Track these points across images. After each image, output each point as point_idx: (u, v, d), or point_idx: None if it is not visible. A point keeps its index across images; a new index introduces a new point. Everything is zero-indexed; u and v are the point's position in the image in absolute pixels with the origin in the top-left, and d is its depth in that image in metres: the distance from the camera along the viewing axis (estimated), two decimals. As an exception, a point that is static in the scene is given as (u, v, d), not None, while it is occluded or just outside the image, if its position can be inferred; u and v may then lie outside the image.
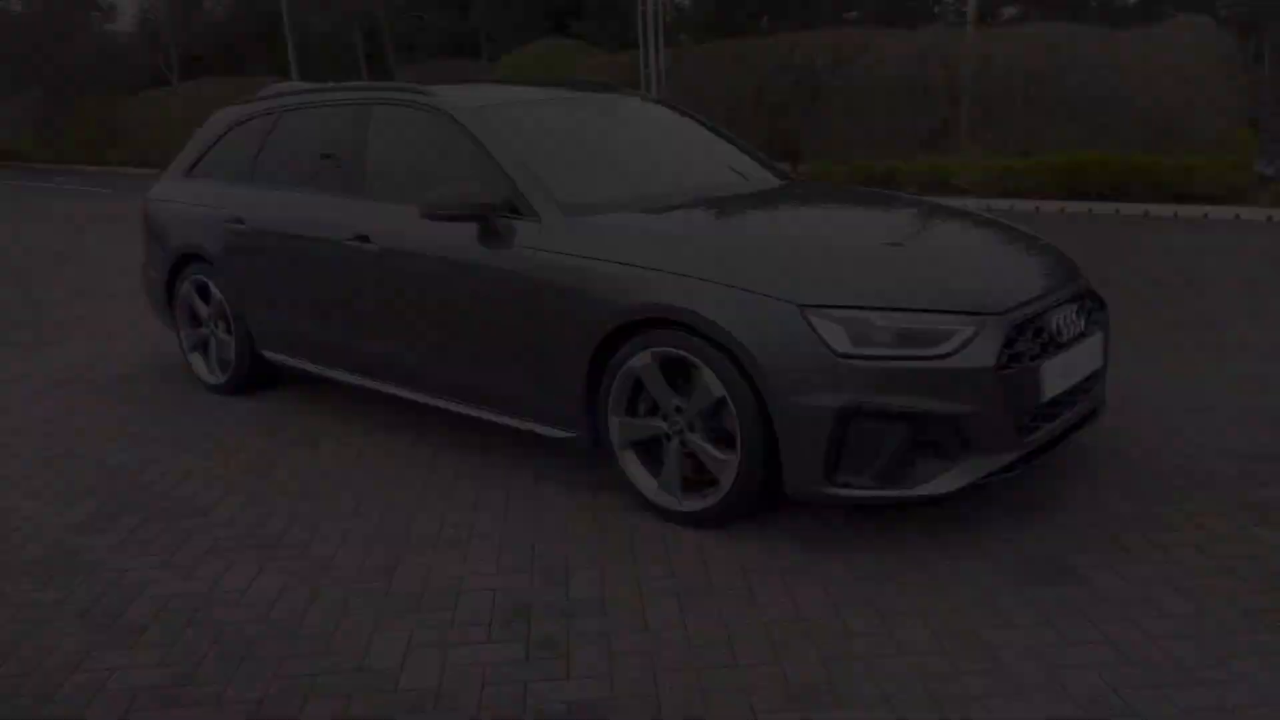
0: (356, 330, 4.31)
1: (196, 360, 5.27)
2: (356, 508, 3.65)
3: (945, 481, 3.04)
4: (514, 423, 3.81)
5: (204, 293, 5.09)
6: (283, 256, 4.57)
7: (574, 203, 3.70)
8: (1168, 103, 11.31)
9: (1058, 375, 3.25)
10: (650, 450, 3.47)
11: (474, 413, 3.95)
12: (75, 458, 4.28)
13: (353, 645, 2.72)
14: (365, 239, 4.13)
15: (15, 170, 27.40)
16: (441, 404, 4.07)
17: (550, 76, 18.99)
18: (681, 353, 3.22)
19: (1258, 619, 2.66)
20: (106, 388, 5.36)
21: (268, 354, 4.86)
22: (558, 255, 3.52)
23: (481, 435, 4.28)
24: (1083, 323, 3.44)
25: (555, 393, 3.62)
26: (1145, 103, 11.33)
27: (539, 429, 3.73)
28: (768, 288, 3.10)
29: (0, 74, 33.93)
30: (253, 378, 5.04)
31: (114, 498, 3.82)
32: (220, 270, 4.90)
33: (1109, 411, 4.24)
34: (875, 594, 2.88)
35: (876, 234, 3.75)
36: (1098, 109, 11.77)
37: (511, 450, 4.11)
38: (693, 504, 3.33)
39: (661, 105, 5.00)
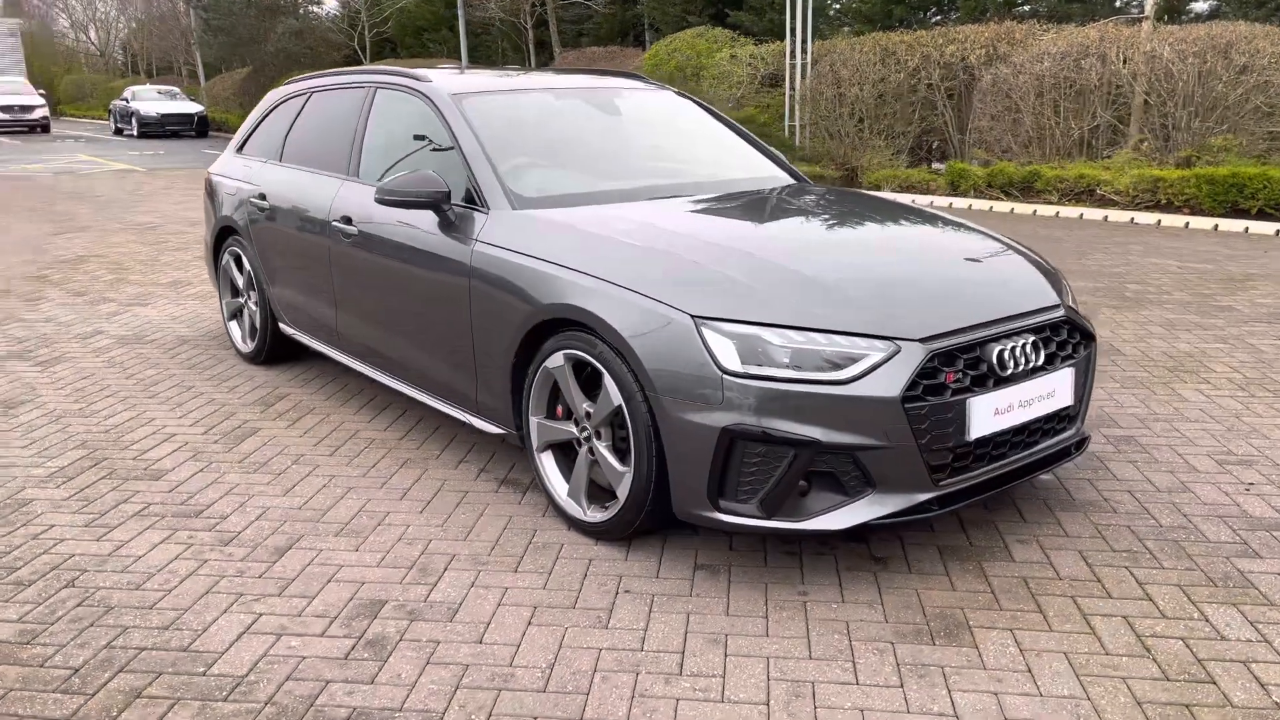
0: (341, 310, 4.38)
1: (233, 328, 5.51)
2: (294, 486, 3.71)
3: (838, 518, 2.79)
4: (456, 414, 3.78)
5: (240, 264, 5.31)
6: (290, 233, 4.69)
7: (528, 196, 3.61)
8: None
9: (995, 413, 2.91)
10: (569, 455, 3.36)
11: (429, 401, 3.94)
12: (83, 414, 4.55)
13: (196, 623, 2.75)
14: (349, 220, 4.18)
15: (220, 140, 29.55)
16: (405, 390, 4.07)
17: (554, 67, 18.89)
18: (587, 357, 3.09)
19: (1142, 711, 2.30)
20: (157, 349, 5.66)
21: (283, 327, 5.02)
22: (496, 248, 3.45)
23: (457, 426, 4.27)
24: (1041, 356, 3.07)
25: (489, 389, 3.55)
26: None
27: (477, 423, 3.68)
28: (666, 295, 2.92)
29: (214, 50, 36.82)
30: (277, 349, 5.21)
31: (90, 455, 4.03)
32: (249, 243, 5.09)
33: (1128, 457, 3.82)
34: (737, 632, 2.68)
35: (820, 244, 3.48)
36: (1270, 118, 10.63)
37: (472, 444, 4.08)
38: (596, 515, 3.20)
39: (684, 99, 4.81)
